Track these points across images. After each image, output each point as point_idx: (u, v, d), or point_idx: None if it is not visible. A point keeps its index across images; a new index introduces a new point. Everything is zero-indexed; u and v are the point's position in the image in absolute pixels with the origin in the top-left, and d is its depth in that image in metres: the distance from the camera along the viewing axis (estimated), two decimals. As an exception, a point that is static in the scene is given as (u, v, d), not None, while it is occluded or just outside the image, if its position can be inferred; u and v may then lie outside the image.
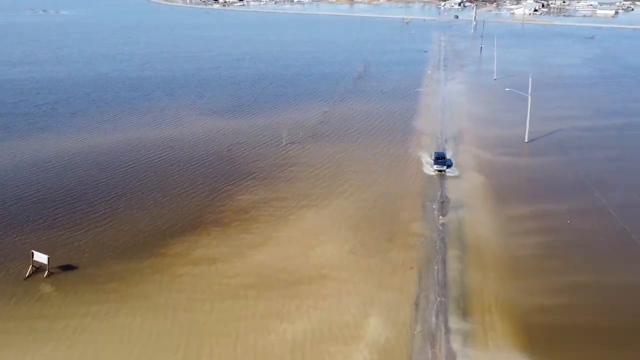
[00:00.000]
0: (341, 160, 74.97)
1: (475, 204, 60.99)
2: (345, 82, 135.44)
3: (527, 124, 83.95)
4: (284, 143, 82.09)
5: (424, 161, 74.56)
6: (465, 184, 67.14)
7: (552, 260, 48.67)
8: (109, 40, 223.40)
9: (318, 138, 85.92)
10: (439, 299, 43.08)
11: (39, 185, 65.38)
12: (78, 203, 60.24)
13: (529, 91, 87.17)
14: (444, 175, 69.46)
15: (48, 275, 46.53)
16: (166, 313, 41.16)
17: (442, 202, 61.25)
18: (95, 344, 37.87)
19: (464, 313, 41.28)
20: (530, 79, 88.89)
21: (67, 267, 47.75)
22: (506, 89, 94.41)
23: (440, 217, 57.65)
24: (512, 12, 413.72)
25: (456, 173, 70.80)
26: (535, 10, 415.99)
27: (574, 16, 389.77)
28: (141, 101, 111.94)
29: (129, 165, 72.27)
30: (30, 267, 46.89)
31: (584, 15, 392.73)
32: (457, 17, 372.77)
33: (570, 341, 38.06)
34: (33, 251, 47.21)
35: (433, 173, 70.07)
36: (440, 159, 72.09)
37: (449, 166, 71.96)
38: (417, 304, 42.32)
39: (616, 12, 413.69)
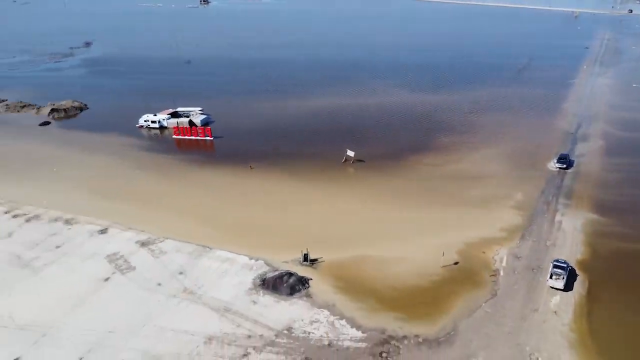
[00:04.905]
0: (505, 124, 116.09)
1: (591, 155, 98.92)
2: (510, 72, 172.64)
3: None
4: (465, 111, 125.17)
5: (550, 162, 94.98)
6: (589, 144, 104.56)
7: (625, 184, 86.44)
8: (315, 29, 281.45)
9: (489, 110, 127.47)
10: (554, 191, 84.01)
11: (328, 125, 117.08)
12: (358, 135, 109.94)
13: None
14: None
15: (352, 163, 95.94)
16: (419, 182, 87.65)
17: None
18: (386, 186, 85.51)
19: (567, 197, 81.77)
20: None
21: (359, 161, 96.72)
22: (633, 85, 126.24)
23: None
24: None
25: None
26: None
27: None
28: (355, 80, 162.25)
29: (378, 118, 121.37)
30: (344, 158, 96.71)
31: None
32: (631, 11, 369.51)
33: (618, 211, 76.85)
34: (347, 149, 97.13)
35: (555, 168, 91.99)
36: (562, 159, 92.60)
37: (570, 165, 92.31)
38: (542, 192, 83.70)
39: None
